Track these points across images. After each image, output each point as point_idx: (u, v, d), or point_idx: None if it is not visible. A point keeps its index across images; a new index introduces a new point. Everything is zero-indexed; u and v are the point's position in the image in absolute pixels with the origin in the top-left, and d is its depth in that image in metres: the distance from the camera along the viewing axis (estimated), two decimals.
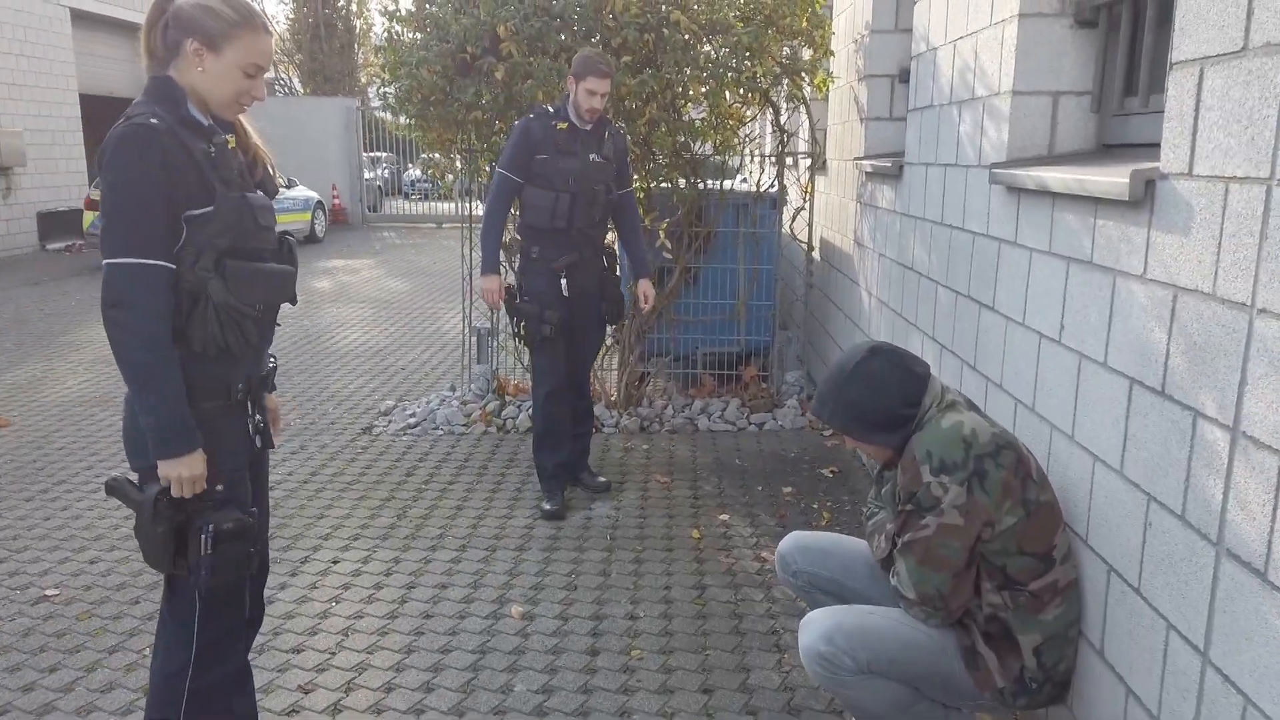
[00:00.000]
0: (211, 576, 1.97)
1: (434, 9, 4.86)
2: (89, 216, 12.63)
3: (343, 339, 8.15)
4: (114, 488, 2.01)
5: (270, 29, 2.02)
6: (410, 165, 22.61)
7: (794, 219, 5.55)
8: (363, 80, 30.87)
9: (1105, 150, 2.67)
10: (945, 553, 2.06)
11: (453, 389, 6.07)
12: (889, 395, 2.16)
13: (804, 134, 5.69)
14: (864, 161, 4.66)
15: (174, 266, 1.90)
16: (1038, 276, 2.51)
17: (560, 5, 4.55)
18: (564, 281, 3.98)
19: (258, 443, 2.15)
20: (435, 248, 15.33)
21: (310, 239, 15.93)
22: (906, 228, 3.92)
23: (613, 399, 5.49)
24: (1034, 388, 2.51)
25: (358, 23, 31.09)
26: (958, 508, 2.03)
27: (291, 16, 29.87)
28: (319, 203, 16.37)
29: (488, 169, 5.17)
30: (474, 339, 5.85)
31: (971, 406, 2.24)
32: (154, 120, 1.87)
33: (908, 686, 2.17)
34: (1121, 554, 2.00)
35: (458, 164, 5.28)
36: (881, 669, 2.13)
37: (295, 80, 30.05)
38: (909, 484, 2.08)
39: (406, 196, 22.40)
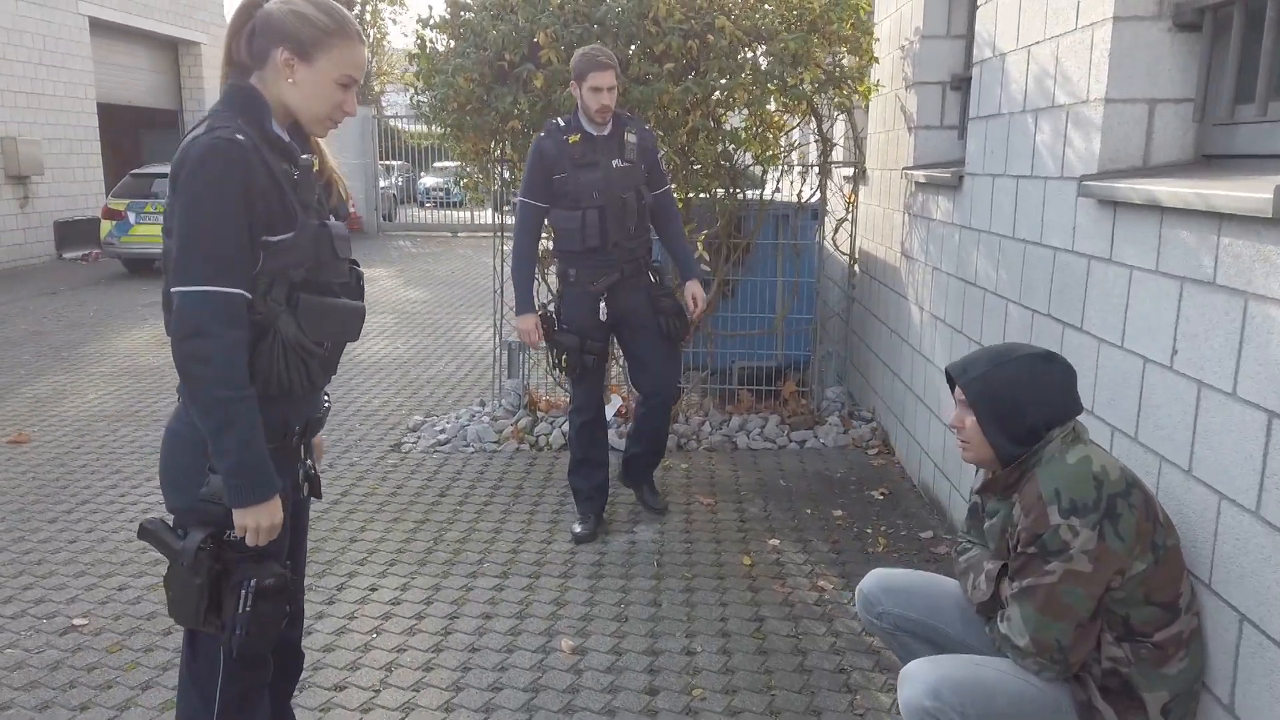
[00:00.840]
0: (247, 637, 1.81)
1: (470, 16, 4.72)
2: (106, 225, 12.55)
3: (365, 351, 8.01)
4: (149, 532, 1.84)
5: (364, 38, 1.87)
6: (424, 173, 22.51)
7: (836, 230, 5.39)
8: (376, 89, 30.85)
9: (1206, 162, 2.51)
10: (1070, 601, 1.88)
11: (482, 404, 5.91)
12: (1039, 404, 1.99)
13: (845, 143, 5.52)
14: (915, 171, 4.50)
15: (250, 296, 1.74)
16: (1140, 297, 2.34)
17: (601, 11, 4.40)
18: (603, 305, 3.79)
19: (305, 490, 1.99)
20: (452, 257, 15.21)
21: None
22: (968, 241, 3.75)
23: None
24: (1136, 416, 2.34)
25: (371, 31, 31.09)
26: (1087, 553, 1.86)
27: None
28: None
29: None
30: (505, 353, 5.70)
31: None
32: (240, 136, 1.71)
33: None
34: (1259, 603, 1.83)
35: (500, 174, 5.13)
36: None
37: None
38: (1034, 526, 1.91)
39: (421, 205, 22.29)
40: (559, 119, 3.81)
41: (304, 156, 1.87)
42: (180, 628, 3.14)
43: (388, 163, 20.79)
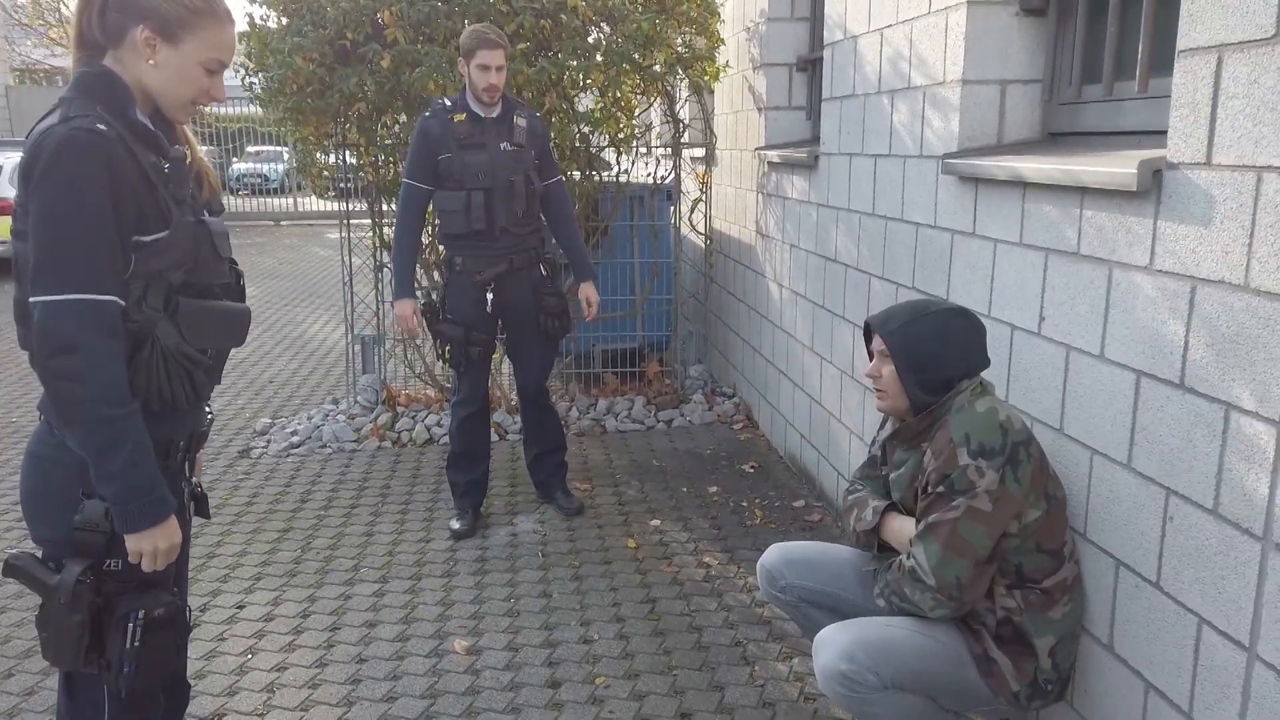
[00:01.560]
0: (137, 673, 1.65)
1: None
2: None
3: None
4: (16, 568, 1.64)
5: (233, 18, 1.70)
6: (235, 159, 21.13)
7: (692, 211, 5.46)
8: None
9: (1053, 139, 2.68)
10: (971, 538, 1.97)
11: (335, 402, 5.65)
12: (951, 357, 2.10)
13: (699, 124, 5.59)
14: (768, 151, 4.61)
15: (124, 303, 1.57)
16: (1005, 268, 2.49)
17: None
18: (489, 296, 3.69)
19: (191, 511, 1.83)
20: (277, 247, 14.43)
21: None
22: (826, 219, 3.88)
23: (513, 403, 5.24)
24: (1007, 380, 2.49)
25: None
26: (989, 493, 1.96)
27: None
28: None
29: (372, 165, 4.82)
30: (358, 347, 5.46)
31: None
32: (101, 126, 1.53)
33: (927, 699, 2.09)
34: (1134, 548, 1.99)
35: (343, 159, 4.87)
36: (904, 682, 2.04)
37: None
38: (943, 466, 2.00)
39: (234, 193, 20.91)
40: (445, 99, 3.68)
41: (175, 148, 1.70)
42: (25, 667, 2.88)
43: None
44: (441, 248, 3.80)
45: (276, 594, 3.39)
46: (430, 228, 4.37)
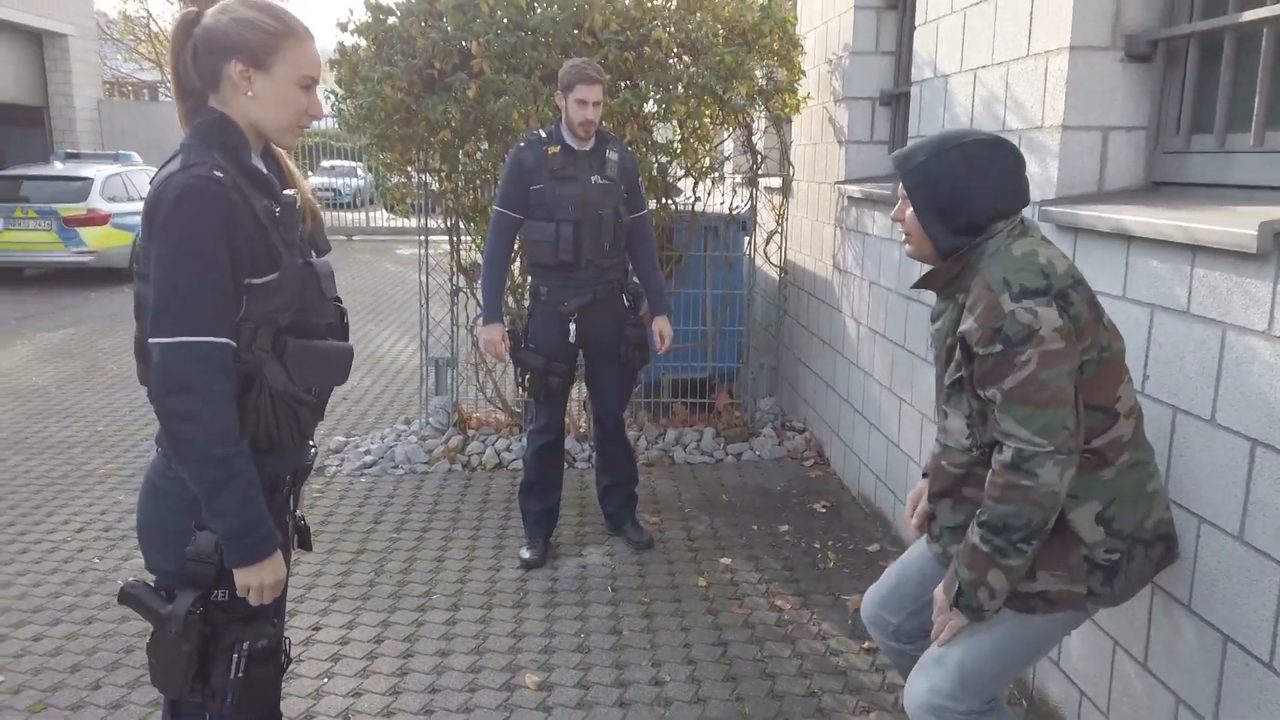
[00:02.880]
0: (239, 703, 1.69)
1: (394, 21, 4.55)
2: None
3: None
4: (132, 597, 1.69)
5: (312, 33, 1.74)
6: (309, 172, 21.66)
7: (768, 243, 5.42)
8: None
9: (1156, 189, 2.60)
10: (1058, 383, 1.72)
11: (408, 422, 5.72)
12: (978, 195, 1.84)
13: (775, 155, 5.56)
14: (848, 186, 4.56)
15: (235, 344, 1.61)
16: None
17: (536, 19, 4.30)
18: (573, 327, 3.71)
19: (295, 543, 1.86)
20: (350, 263, 14.74)
21: None
22: (909, 258, 3.81)
23: (581, 430, 5.25)
24: None
25: None
26: (1057, 330, 1.72)
27: (178, 16, 28.44)
28: None
29: (453, 191, 4.89)
30: (431, 369, 5.53)
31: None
32: (218, 173, 1.58)
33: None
34: (1245, 625, 1.90)
35: (425, 183, 4.96)
36: (995, 690, 1.97)
37: None
38: (987, 319, 1.75)
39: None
40: (540, 130, 3.73)
41: (286, 193, 1.75)
42: (113, 680, 2.94)
43: None
44: (526, 276, 3.82)
45: (351, 617, 3.43)
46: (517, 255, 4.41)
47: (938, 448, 2.01)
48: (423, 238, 5.26)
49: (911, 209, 1.92)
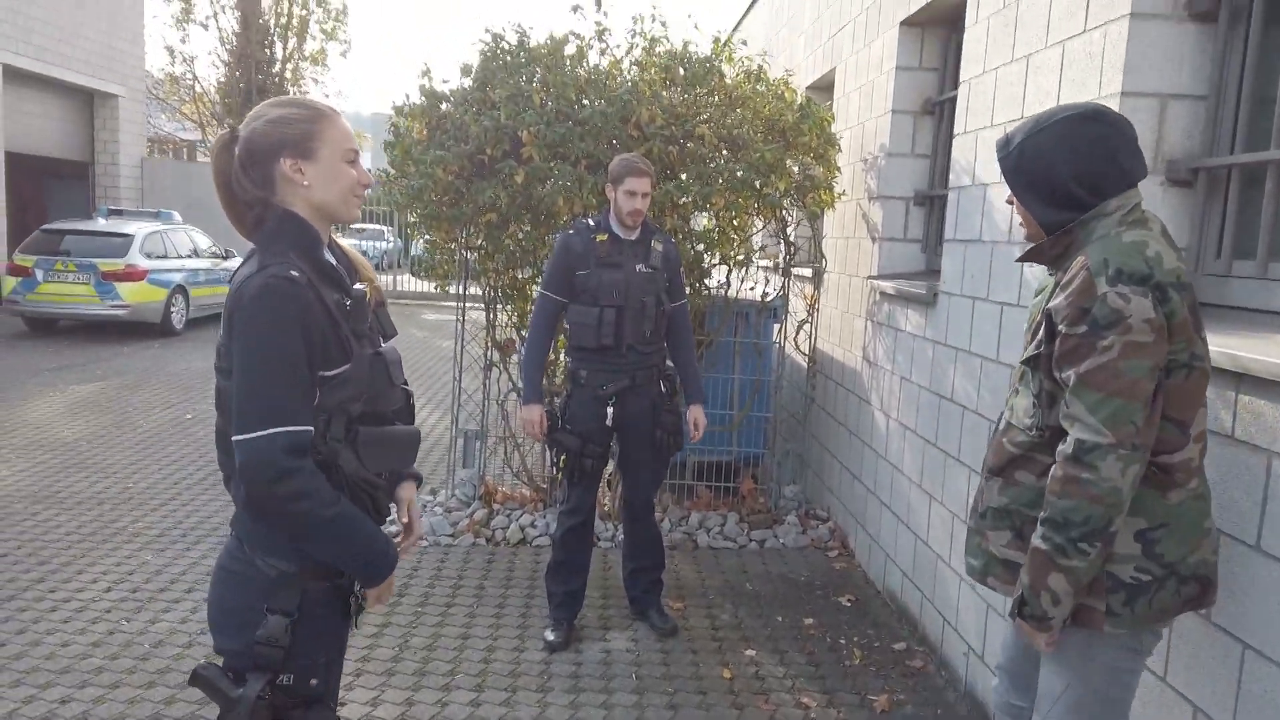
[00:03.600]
0: None
1: (448, 108, 4.72)
2: (10, 281, 11.93)
3: None
4: (204, 679, 1.73)
5: (336, 109, 1.85)
6: (339, 234, 21.98)
7: (798, 331, 5.50)
8: None
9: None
10: (1137, 375, 1.68)
11: (433, 493, 5.76)
12: (1069, 164, 1.82)
13: (809, 247, 5.67)
14: (881, 281, 4.64)
15: (313, 431, 1.68)
16: None
17: (586, 112, 4.47)
18: (610, 410, 3.78)
19: (354, 625, 1.91)
20: None
21: None
22: (943, 357, 3.87)
23: (605, 509, 5.27)
24: None
25: (293, 90, 30.76)
26: (1147, 321, 1.68)
27: (223, 79, 29.33)
28: None
29: (494, 271, 5.01)
30: (460, 441, 5.58)
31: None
32: (295, 273, 1.67)
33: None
34: None
35: (466, 259, 5.09)
36: None
37: None
38: (1079, 298, 1.73)
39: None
40: (589, 218, 3.88)
41: (356, 286, 1.83)
42: None
43: None
44: (568, 359, 3.91)
45: (376, 693, 3.43)
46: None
47: (1002, 424, 2.02)
48: (460, 315, 5.36)
49: (1011, 192, 1.95)
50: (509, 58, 4.83)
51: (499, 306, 5.22)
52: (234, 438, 1.63)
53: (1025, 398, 1.93)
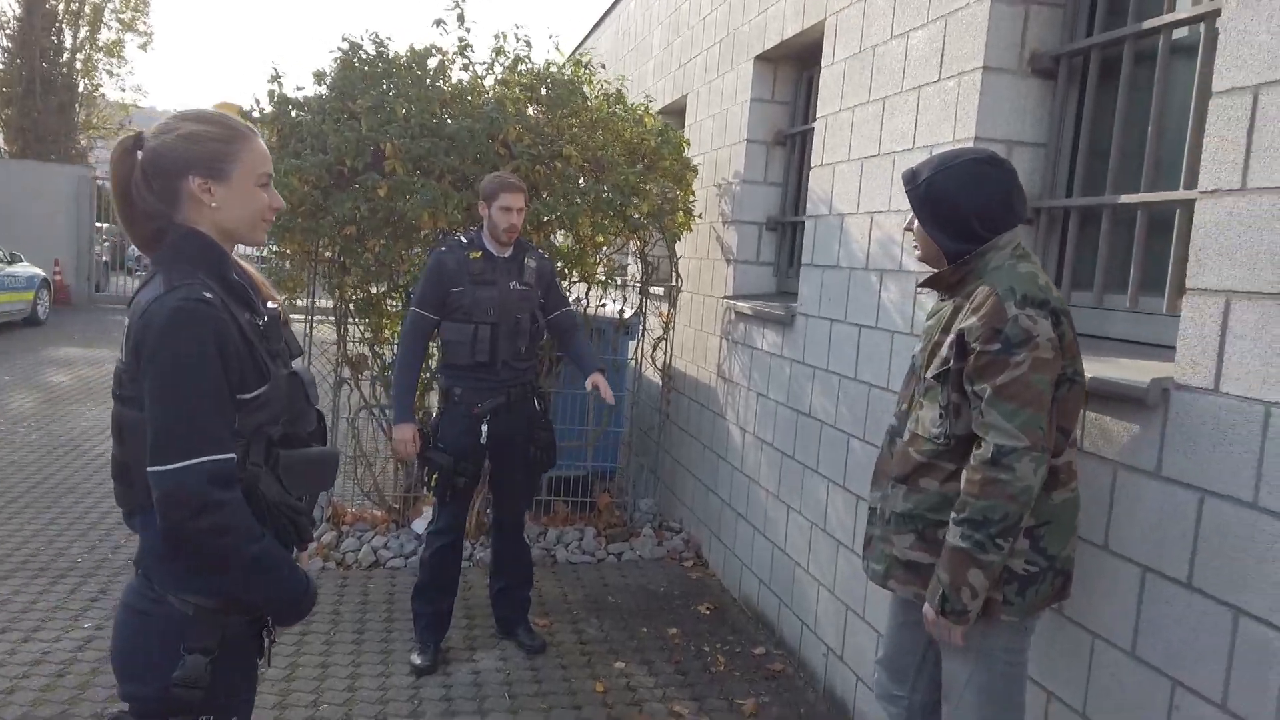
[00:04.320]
0: None
1: (302, 116, 4.55)
2: None
3: (105, 449, 7.12)
4: None
5: (255, 129, 1.80)
6: None
7: (655, 348, 5.64)
8: (83, 143, 28.07)
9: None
10: (1042, 387, 1.93)
11: None
12: (976, 203, 2.06)
13: (665, 267, 5.83)
14: (737, 302, 4.85)
15: (235, 458, 1.60)
16: None
17: (453, 128, 4.42)
18: (484, 428, 3.75)
19: (267, 662, 1.82)
20: None
21: (31, 321, 14.01)
22: (801, 375, 4.10)
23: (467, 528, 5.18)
24: None
25: (83, 81, 28.31)
26: (1050, 341, 1.94)
27: (2, 67, 26.61)
28: (44, 280, 14.47)
29: (350, 285, 4.86)
30: None
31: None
32: (207, 294, 1.59)
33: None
34: None
35: (318, 275, 4.90)
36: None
37: None
38: (991, 319, 1.95)
39: (131, 273, 20.15)
40: (461, 235, 3.84)
41: (269, 305, 1.78)
42: None
43: (99, 225, 18.79)
44: (440, 377, 3.86)
45: None
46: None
47: (905, 435, 2.19)
48: (308, 329, 5.15)
49: (918, 221, 2.17)
50: (367, 68, 4.71)
51: (352, 321, 5.06)
52: (151, 469, 1.54)
53: (931, 410, 2.12)
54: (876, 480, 2.31)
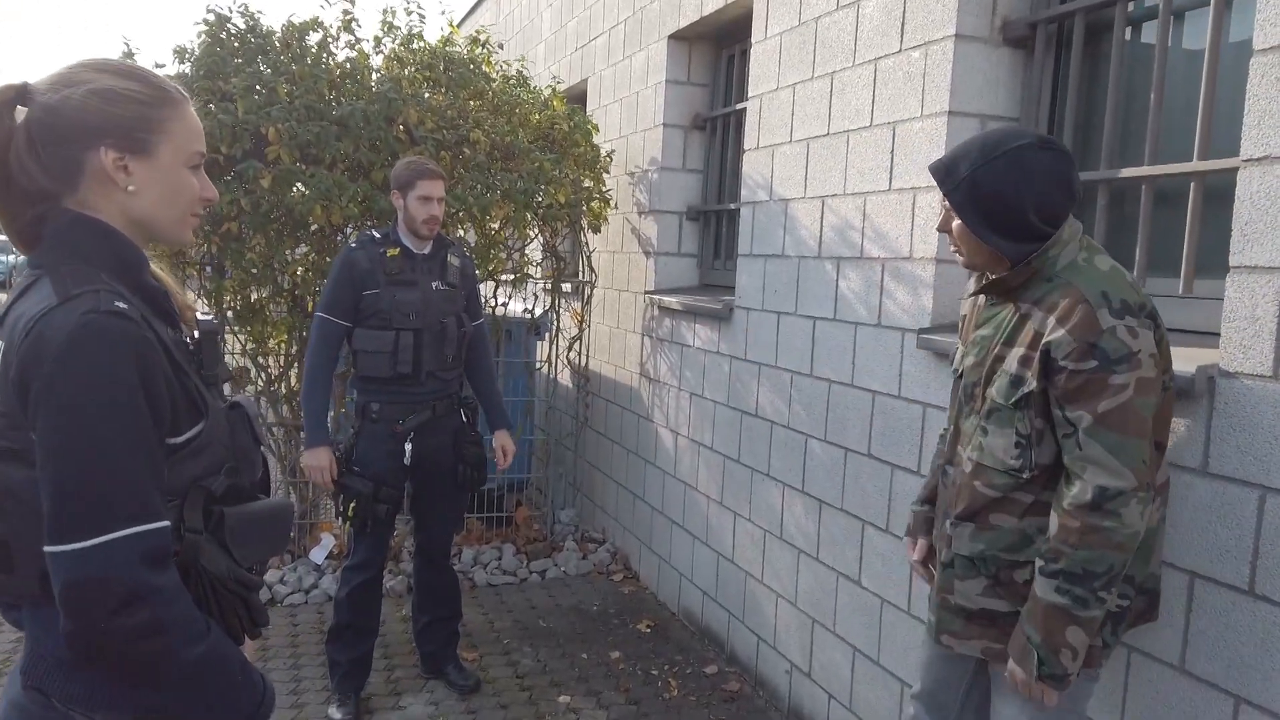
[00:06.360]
0: None
1: None
2: None
3: None
4: None
5: (186, 95, 1.36)
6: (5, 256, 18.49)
7: (570, 349, 5.28)
8: None
9: None
10: (1146, 414, 1.64)
11: None
12: (1034, 197, 1.74)
13: (575, 261, 5.47)
14: (662, 297, 4.55)
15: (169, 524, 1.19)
16: None
17: (344, 111, 3.93)
18: (408, 448, 3.30)
19: None
20: None
21: None
22: (744, 373, 3.83)
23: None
24: None
25: None
26: (1151, 355, 1.65)
27: None
28: None
29: (232, 289, 4.30)
30: None
31: None
32: (122, 304, 1.17)
33: None
34: None
35: (203, 279, 4.31)
36: None
37: None
38: (1083, 333, 1.65)
39: (2, 286, 18.17)
40: (374, 230, 3.37)
41: (201, 317, 1.36)
42: None
43: None
44: (354, 391, 3.39)
45: None
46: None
47: (968, 466, 1.88)
48: None
49: (959, 221, 1.83)
50: (237, 43, 4.16)
51: (231, 331, 4.50)
52: (51, 549, 1.11)
53: (1003, 437, 1.81)
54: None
